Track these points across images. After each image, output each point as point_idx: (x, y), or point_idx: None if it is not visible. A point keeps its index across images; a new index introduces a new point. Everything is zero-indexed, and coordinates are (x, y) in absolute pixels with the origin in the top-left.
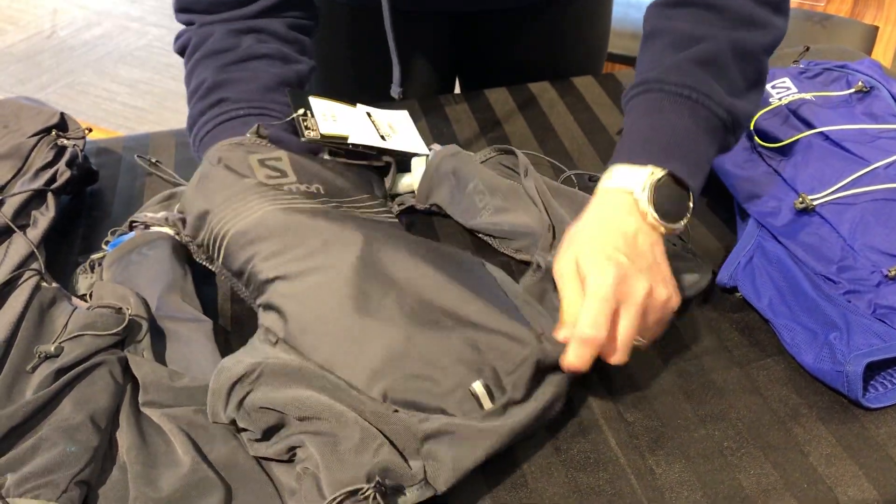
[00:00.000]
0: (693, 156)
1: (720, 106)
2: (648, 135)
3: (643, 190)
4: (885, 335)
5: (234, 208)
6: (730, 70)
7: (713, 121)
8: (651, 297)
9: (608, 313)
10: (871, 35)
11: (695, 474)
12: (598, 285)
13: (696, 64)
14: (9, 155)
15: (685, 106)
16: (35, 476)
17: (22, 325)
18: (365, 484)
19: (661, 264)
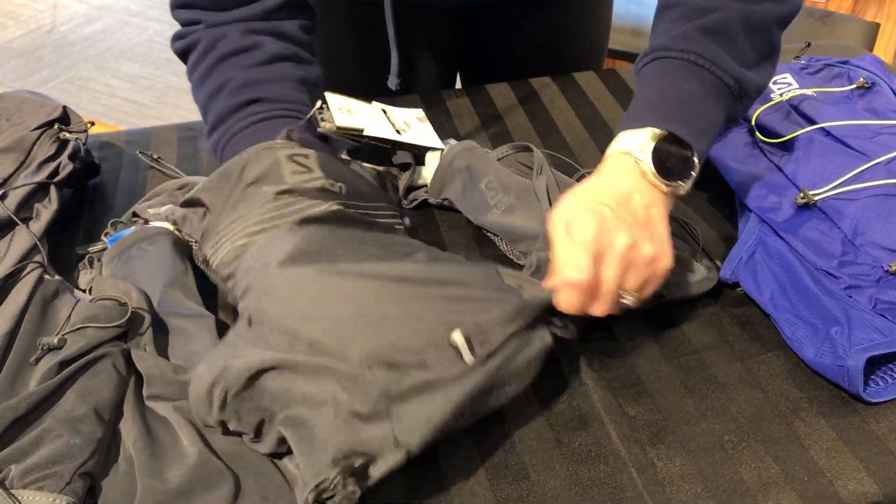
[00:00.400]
0: (698, 118)
1: (727, 73)
2: (653, 99)
3: (642, 150)
4: (885, 330)
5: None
6: (738, 40)
7: (719, 86)
8: (634, 251)
9: (589, 257)
10: (872, 32)
11: (696, 468)
12: (579, 232)
13: (704, 32)
14: (11, 148)
15: (691, 71)
16: (39, 468)
17: (25, 317)
18: (331, 472)
19: (655, 224)
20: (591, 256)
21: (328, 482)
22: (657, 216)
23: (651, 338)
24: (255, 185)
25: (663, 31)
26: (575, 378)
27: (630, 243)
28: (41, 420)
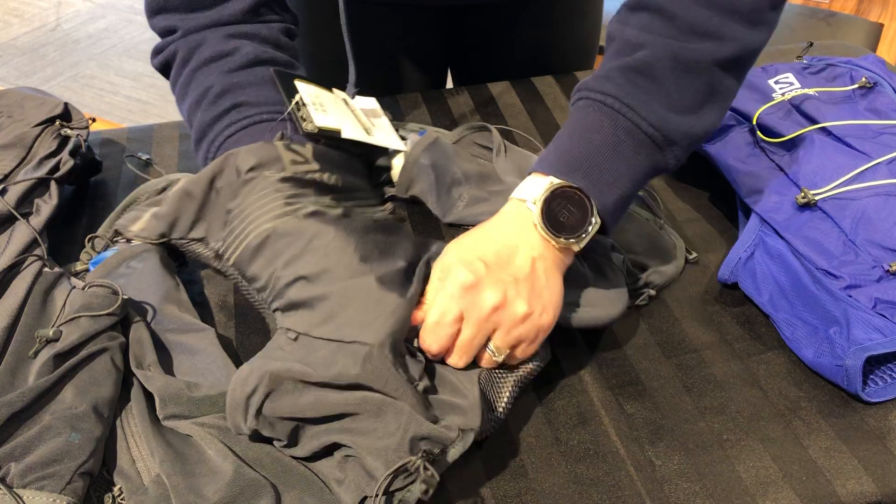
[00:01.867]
0: (605, 170)
1: (645, 120)
2: (565, 146)
3: (535, 202)
4: (885, 329)
5: (251, 217)
6: (667, 82)
7: (637, 134)
8: (502, 311)
9: (448, 325)
10: (875, 32)
11: (694, 466)
12: (442, 294)
13: (630, 72)
14: (13, 144)
15: (608, 116)
16: (39, 467)
17: (24, 310)
18: (410, 457)
19: (539, 279)
20: (452, 315)
21: (410, 463)
22: (542, 271)
23: (650, 336)
24: (254, 170)
25: (599, 67)
26: (574, 376)
27: (496, 303)
28: (40, 416)
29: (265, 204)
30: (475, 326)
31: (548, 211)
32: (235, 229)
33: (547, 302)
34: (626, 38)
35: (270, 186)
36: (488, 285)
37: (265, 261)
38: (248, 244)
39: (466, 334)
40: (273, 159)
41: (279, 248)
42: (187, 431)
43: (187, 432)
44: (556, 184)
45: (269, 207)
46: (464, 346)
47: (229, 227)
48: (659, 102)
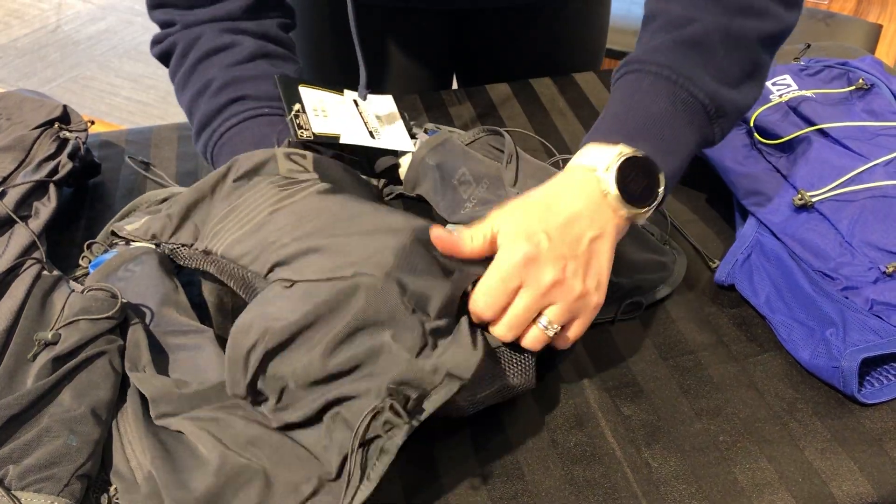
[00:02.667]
0: (667, 138)
1: (702, 90)
2: (623, 115)
3: (607, 169)
4: (881, 331)
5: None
6: (718, 55)
7: (693, 105)
8: (561, 287)
9: (505, 292)
10: (874, 33)
11: (690, 468)
12: (503, 261)
13: (681, 45)
14: (11, 147)
15: (664, 87)
16: (37, 469)
17: (23, 312)
18: (382, 403)
19: (595, 258)
20: (508, 292)
21: (379, 406)
22: (600, 250)
23: (647, 338)
24: (245, 178)
25: (643, 43)
26: (571, 377)
27: (556, 279)
28: (38, 418)
29: (257, 200)
30: (531, 300)
31: (622, 179)
32: (227, 225)
33: (601, 280)
34: (673, 14)
35: (265, 188)
36: (549, 260)
37: (255, 239)
38: (239, 234)
39: (520, 306)
40: (270, 167)
41: (269, 228)
42: (178, 427)
43: (178, 428)
44: (626, 152)
45: (261, 205)
46: (515, 318)
47: (220, 224)
48: (711, 75)
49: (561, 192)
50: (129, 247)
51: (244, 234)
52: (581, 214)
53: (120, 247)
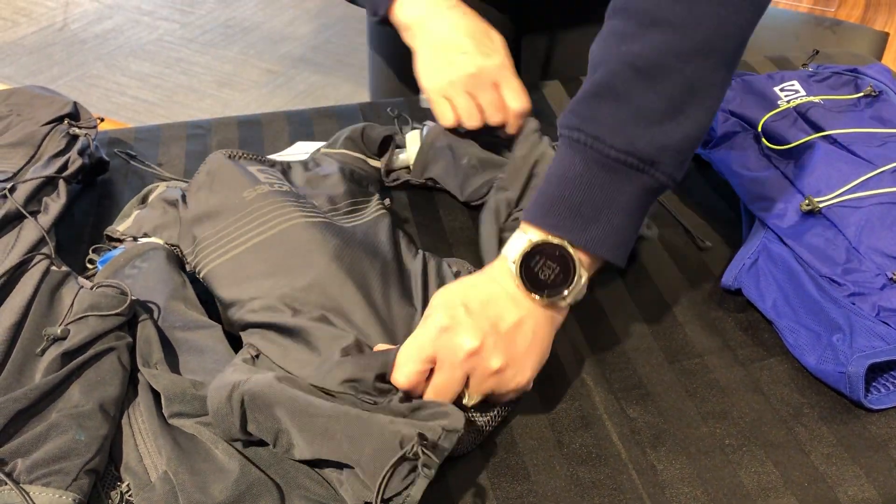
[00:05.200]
0: (586, 205)
1: (613, 147)
2: (542, 190)
3: (515, 260)
4: (888, 337)
5: (214, 247)
6: (632, 96)
7: (607, 163)
8: (476, 357)
9: (419, 360)
10: (881, 41)
11: (695, 471)
12: (419, 331)
13: (592, 98)
14: (22, 142)
15: (577, 151)
16: (45, 463)
17: (32, 308)
18: (402, 448)
19: (522, 339)
20: (422, 358)
21: (408, 451)
22: (531, 328)
23: (653, 341)
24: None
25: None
26: (577, 379)
27: (472, 349)
28: (47, 413)
29: (240, 226)
30: (448, 370)
31: (527, 269)
32: (211, 246)
33: (524, 363)
34: (590, 62)
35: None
36: (465, 329)
37: (233, 279)
38: (220, 262)
39: (440, 378)
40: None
41: (246, 270)
42: (192, 431)
43: (192, 432)
44: (533, 241)
45: (243, 235)
46: (437, 390)
47: (205, 244)
48: (627, 122)
49: (488, 277)
50: (136, 243)
51: (224, 263)
52: (505, 297)
53: (127, 243)
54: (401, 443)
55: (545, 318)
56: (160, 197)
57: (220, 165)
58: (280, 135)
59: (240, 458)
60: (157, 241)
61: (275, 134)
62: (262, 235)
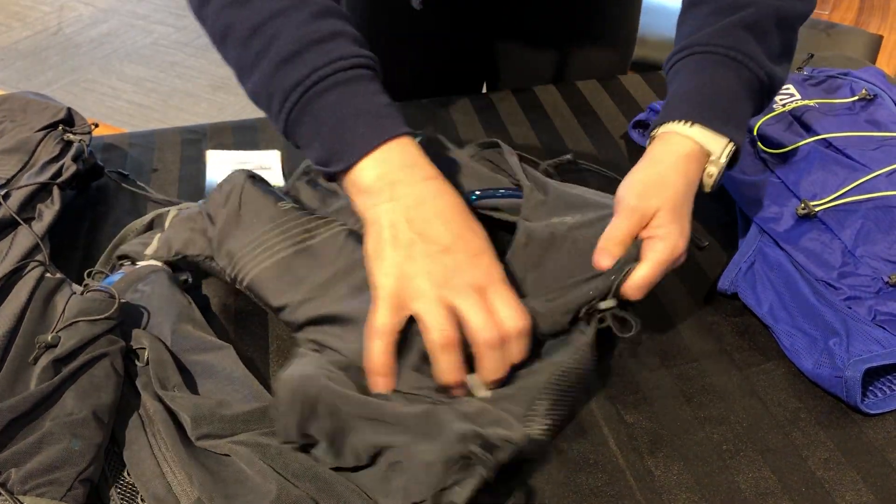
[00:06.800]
0: (737, 114)
1: (762, 69)
2: (696, 94)
3: (723, 157)
4: (884, 341)
5: (253, 255)
6: (770, 36)
7: (754, 82)
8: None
9: (660, 278)
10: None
11: (693, 476)
12: (664, 255)
13: (740, 28)
14: (16, 149)
15: (729, 66)
16: (40, 473)
17: (26, 315)
18: (465, 447)
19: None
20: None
21: (468, 451)
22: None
23: (650, 346)
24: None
25: (694, 28)
26: None
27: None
28: (41, 422)
29: (280, 232)
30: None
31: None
32: (251, 255)
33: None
34: (725, 1)
35: (283, 216)
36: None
37: (283, 283)
38: (265, 266)
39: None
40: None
41: (295, 273)
42: (225, 451)
43: (225, 451)
44: (732, 147)
45: (285, 240)
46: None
47: (245, 252)
48: (765, 54)
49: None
50: (136, 267)
51: (269, 268)
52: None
53: (126, 267)
54: (462, 441)
55: None
56: (179, 219)
57: (244, 181)
58: (274, 139)
59: (277, 477)
60: (157, 264)
61: (269, 139)
62: (306, 242)
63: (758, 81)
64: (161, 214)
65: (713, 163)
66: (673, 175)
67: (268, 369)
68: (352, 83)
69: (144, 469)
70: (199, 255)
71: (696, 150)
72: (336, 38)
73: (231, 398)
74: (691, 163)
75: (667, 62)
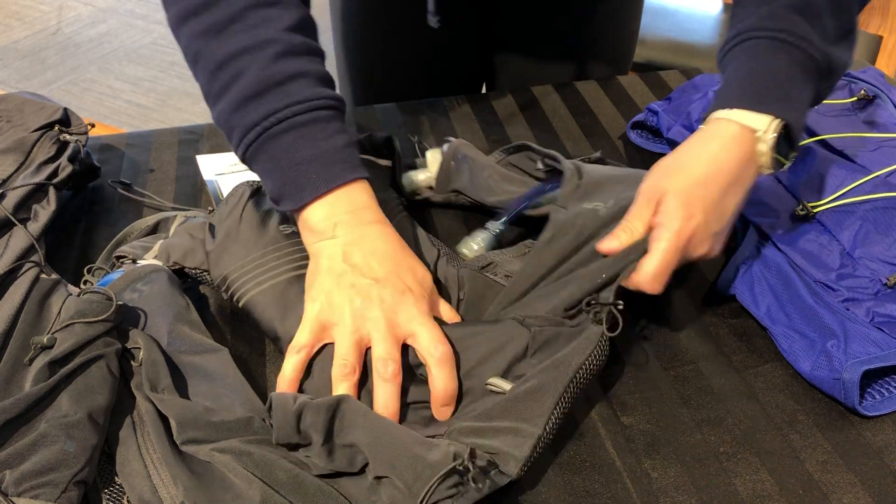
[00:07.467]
0: (793, 97)
1: (817, 50)
2: (749, 80)
3: (769, 132)
4: (882, 343)
5: (250, 276)
6: (824, 18)
7: (809, 65)
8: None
9: (672, 267)
10: (875, 45)
11: (690, 479)
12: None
13: (791, 10)
14: (12, 149)
15: (780, 49)
16: (34, 475)
17: (21, 316)
18: (453, 461)
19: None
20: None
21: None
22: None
23: (647, 347)
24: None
25: (745, 16)
26: None
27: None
28: (35, 423)
29: (277, 256)
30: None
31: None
32: (249, 275)
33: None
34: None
35: (283, 240)
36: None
37: (277, 309)
38: (262, 289)
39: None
40: (278, 214)
41: (289, 297)
42: (206, 458)
43: (206, 458)
44: (780, 123)
45: (283, 265)
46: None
47: (242, 272)
48: (821, 37)
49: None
50: (136, 265)
51: (265, 291)
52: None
53: (126, 265)
54: (454, 455)
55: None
56: (184, 227)
57: (248, 198)
58: None
59: (260, 484)
60: (157, 263)
61: None
62: (303, 270)
63: (812, 61)
64: (167, 219)
65: (761, 139)
66: (693, 159)
67: (263, 371)
68: (308, 125)
69: (131, 470)
70: (196, 269)
71: (736, 133)
72: (297, 80)
73: (222, 402)
74: (730, 148)
75: (720, 52)
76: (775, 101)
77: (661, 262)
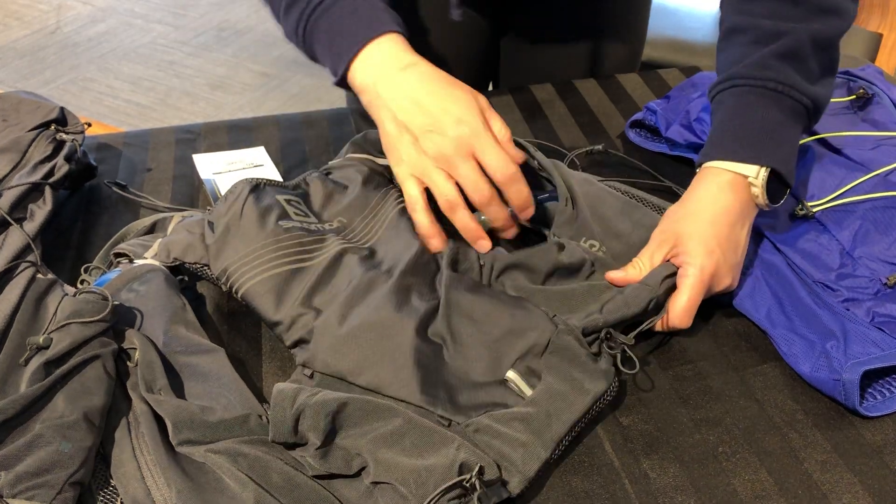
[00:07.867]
0: (784, 143)
1: (804, 95)
2: (739, 129)
3: (757, 177)
4: (882, 343)
5: (249, 266)
6: (809, 61)
7: (798, 109)
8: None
9: (699, 301)
10: (874, 42)
11: (689, 479)
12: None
13: (779, 58)
14: (7, 148)
15: (772, 98)
16: (29, 476)
17: (17, 316)
18: (458, 476)
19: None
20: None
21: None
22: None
23: (646, 347)
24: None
25: (737, 57)
26: None
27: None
28: (31, 424)
29: (277, 248)
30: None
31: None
32: (247, 266)
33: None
34: (764, 30)
35: (283, 233)
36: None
37: (275, 297)
38: (260, 280)
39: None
40: (277, 209)
41: (291, 289)
42: (201, 458)
43: (201, 459)
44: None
45: (281, 258)
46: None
47: (240, 264)
48: (806, 80)
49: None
50: (133, 265)
51: (264, 281)
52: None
53: (123, 265)
54: (460, 468)
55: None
56: (182, 224)
57: (247, 193)
58: (270, 139)
59: (254, 486)
60: (154, 263)
61: (264, 138)
62: (303, 263)
63: (801, 106)
64: (164, 219)
65: (753, 184)
66: (698, 204)
67: (260, 371)
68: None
69: (126, 472)
70: (197, 263)
71: (731, 179)
72: None
73: (218, 402)
74: (728, 191)
75: (710, 90)
76: (763, 151)
77: (690, 297)
